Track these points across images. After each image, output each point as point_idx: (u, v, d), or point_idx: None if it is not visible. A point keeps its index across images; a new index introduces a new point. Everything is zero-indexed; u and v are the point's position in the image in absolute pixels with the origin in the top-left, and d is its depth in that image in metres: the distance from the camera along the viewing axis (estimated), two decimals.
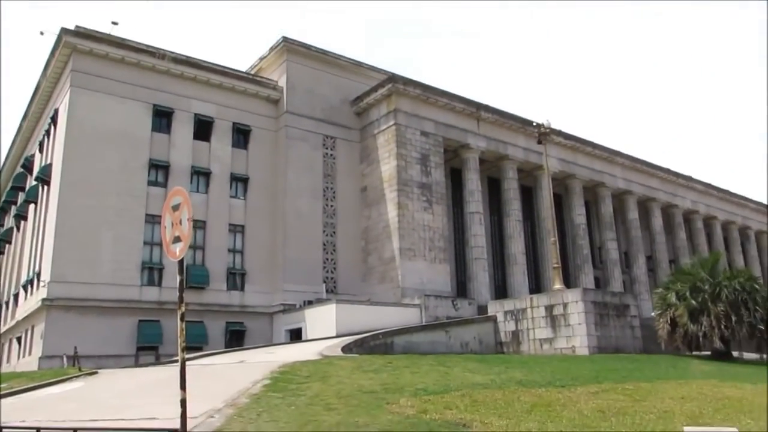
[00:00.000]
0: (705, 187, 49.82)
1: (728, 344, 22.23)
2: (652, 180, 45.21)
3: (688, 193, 48.31)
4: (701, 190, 49.45)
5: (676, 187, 47.28)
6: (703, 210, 49.35)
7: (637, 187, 43.76)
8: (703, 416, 9.60)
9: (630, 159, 43.44)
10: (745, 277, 22.95)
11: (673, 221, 46.93)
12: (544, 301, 24.58)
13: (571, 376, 13.48)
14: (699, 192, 49.29)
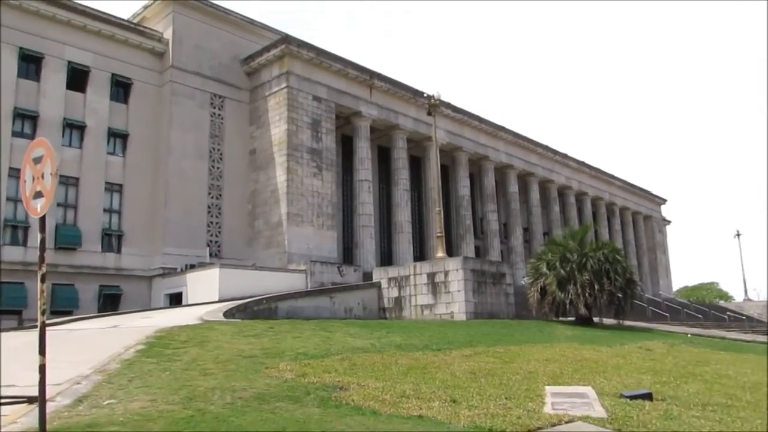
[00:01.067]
0: (578, 164, 53.18)
1: (591, 311, 24.08)
2: (531, 156, 47.62)
3: (563, 170, 51.38)
4: (575, 167, 52.76)
5: (553, 163, 50.13)
6: (576, 186, 52.75)
7: (518, 162, 45.93)
8: (564, 376, 10.40)
9: (513, 135, 45.42)
10: (608, 249, 24.84)
11: (549, 195, 49.83)
12: (426, 268, 25.38)
13: (447, 340, 14.10)
14: (573, 169, 52.57)
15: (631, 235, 60.25)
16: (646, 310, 36.72)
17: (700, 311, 45.03)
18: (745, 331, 32.53)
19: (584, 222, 49.40)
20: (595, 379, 10.25)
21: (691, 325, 32.20)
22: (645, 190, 64.31)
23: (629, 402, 8.21)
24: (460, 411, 6.94)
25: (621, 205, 59.41)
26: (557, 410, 7.38)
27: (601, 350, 14.39)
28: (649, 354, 14.85)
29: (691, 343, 19.32)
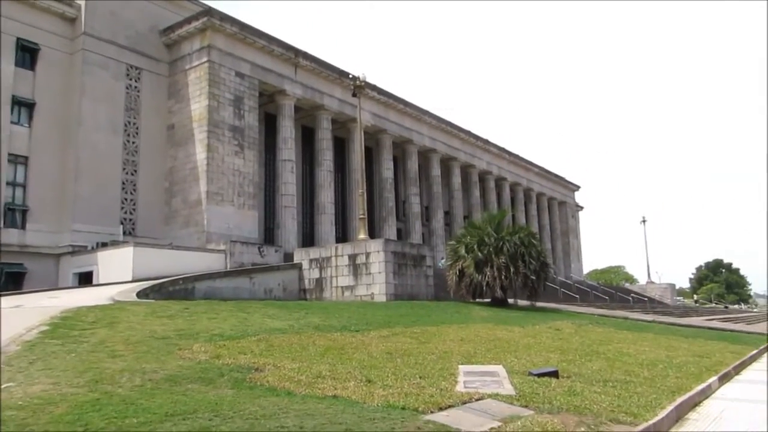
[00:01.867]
0: (499, 150, 54.63)
1: (506, 292, 24.96)
2: (454, 140, 48.47)
3: (485, 155, 52.65)
4: (495, 153, 54.17)
5: (475, 148, 51.26)
6: (496, 171, 54.21)
7: (441, 146, 46.64)
8: (477, 356, 10.72)
9: (436, 119, 46.02)
10: (524, 233, 25.77)
11: (470, 180, 50.97)
12: (348, 250, 25.44)
13: (366, 321, 14.23)
14: (493, 155, 53.96)
15: (546, 220, 62.65)
16: (558, 292, 38.37)
17: (607, 293, 47.49)
18: (647, 311, 34.66)
19: (503, 206, 50.95)
20: (506, 358, 10.64)
21: (598, 306, 33.93)
22: (560, 177, 66.93)
23: (537, 379, 8.58)
24: (375, 390, 7.03)
25: (538, 191, 61.58)
26: (469, 388, 7.61)
27: (513, 330, 14.93)
28: (558, 334, 15.56)
29: (597, 323, 20.37)
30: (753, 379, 12.33)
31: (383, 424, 5.37)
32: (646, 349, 14.11)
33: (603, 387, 8.54)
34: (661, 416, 7.13)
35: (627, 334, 17.49)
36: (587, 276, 77.23)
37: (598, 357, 11.89)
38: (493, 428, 5.76)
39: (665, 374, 10.40)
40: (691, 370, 11.34)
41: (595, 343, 14.33)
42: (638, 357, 12.44)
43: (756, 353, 16.85)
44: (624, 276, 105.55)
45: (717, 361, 13.30)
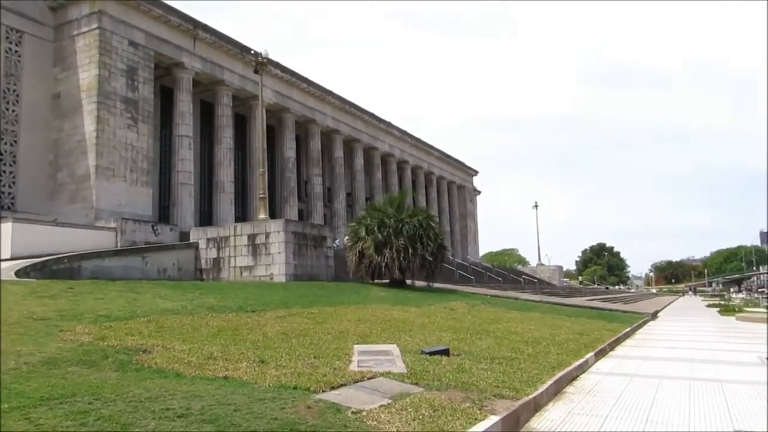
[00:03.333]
0: (401, 133, 55.35)
1: (405, 274, 25.47)
2: (357, 122, 48.57)
3: (387, 138, 53.18)
4: (398, 136, 54.85)
5: (378, 131, 51.64)
6: (398, 154, 54.94)
7: (344, 128, 46.60)
8: (373, 335, 10.89)
9: (340, 100, 45.87)
10: (423, 215, 26.34)
11: (373, 162, 51.36)
12: (247, 229, 24.97)
13: (263, 301, 14.06)
14: (396, 137, 54.61)
15: (445, 204, 64.38)
16: (455, 274, 39.64)
17: (500, 275, 49.61)
18: (536, 292, 36.54)
19: (404, 189, 51.73)
20: (401, 337, 10.88)
21: (492, 287, 35.38)
22: (460, 162, 68.88)
23: (428, 358, 8.84)
24: (268, 371, 6.98)
25: (438, 175, 63.07)
26: (362, 367, 7.73)
27: (410, 311, 15.28)
28: (452, 314, 16.10)
29: (489, 303, 21.25)
30: (625, 354, 13.35)
31: (273, 404, 5.35)
32: (532, 327, 14.89)
33: (490, 364, 8.93)
34: (541, 390, 7.58)
35: (516, 314, 18.38)
36: (483, 258, 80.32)
37: (487, 335, 12.42)
38: (382, 405, 5.89)
39: (548, 351, 11.02)
40: (571, 347, 12.09)
41: (486, 322, 14.95)
42: (524, 335, 13.11)
43: (629, 330, 18.25)
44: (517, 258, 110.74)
45: (595, 338, 14.27)
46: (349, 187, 48.05)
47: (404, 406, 5.85)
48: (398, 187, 53.21)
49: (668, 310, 39.73)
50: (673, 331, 20.81)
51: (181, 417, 4.74)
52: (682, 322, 26.45)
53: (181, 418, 4.71)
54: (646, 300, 55.87)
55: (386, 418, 5.37)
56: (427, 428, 5.17)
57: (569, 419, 6.78)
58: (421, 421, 5.37)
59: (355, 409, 5.59)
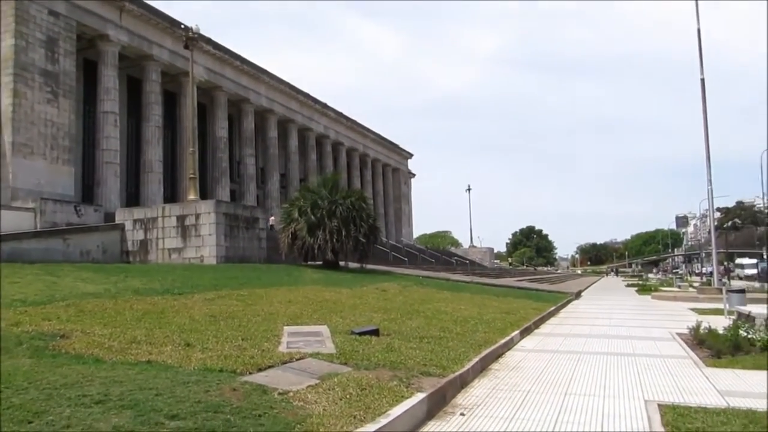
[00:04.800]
0: (337, 115, 54.99)
1: (338, 255, 25.49)
2: (292, 102, 47.88)
3: (322, 119, 52.72)
4: (333, 117, 54.47)
5: (313, 111, 51.10)
6: (333, 136, 54.60)
7: (278, 108, 45.83)
8: (303, 317, 10.86)
9: (275, 79, 45.05)
10: (356, 197, 26.35)
11: (307, 143, 50.85)
12: (177, 210, 24.31)
13: (191, 284, 13.76)
14: (331, 119, 54.22)
15: (380, 186, 64.61)
16: (389, 255, 39.96)
17: (433, 256, 50.38)
18: (467, 273, 37.32)
19: (339, 171, 51.54)
20: (332, 318, 10.90)
21: (424, 268, 35.88)
22: (395, 144, 69.17)
23: (358, 338, 8.91)
24: (193, 354, 6.85)
25: (373, 157, 63.14)
26: (291, 349, 7.71)
27: (341, 292, 15.31)
28: (384, 294, 16.25)
29: (421, 284, 21.57)
30: (549, 332, 13.89)
31: (197, 388, 5.26)
32: (461, 307, 15.23)
33: (419, 343, 9.09)
34: (467, 367, 7.79)
35: (446, 294, 18.74)
36: (417, 240, 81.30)
37: (418, 315, 12.62)
38: (310, 386, 5.90)
39: (475, 330, 11.31)
40: (498, 325, 12.46)
41: (417, 302, 15.18)
42: (454, 315, 13.40)
43: (554, 309, 18.97)
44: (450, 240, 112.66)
45: (521, 317, 14.75)
46: (283, 168, 47.43)
47: (332, 386, 5.89)
48: (333, 169, 52.88)
49: (591, 290, 41.50)
50: (594, 310, 21.77)
51: (99, 403, 4.59)
52: (602, 301, 27.70)
53: (98, 405, 4.56)
54: (571, 280, 58.11)
55: (313, 398, 5.39)
56: (354, 407, 5.22)
57: (493, 394, 7.00)
58: (348, 401, 5.42)
59: (281, 390, 5.58)
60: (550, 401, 6.67)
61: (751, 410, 6.05)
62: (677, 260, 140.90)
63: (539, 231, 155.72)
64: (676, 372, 8.44)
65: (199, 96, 36.54)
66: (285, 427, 4.47)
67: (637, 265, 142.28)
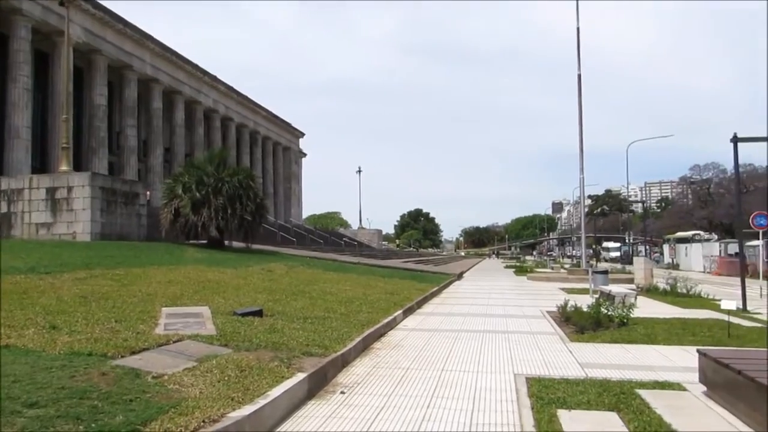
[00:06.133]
0: (227, 89, 53.15)
1: (223, 234, 24.80)
2: (179, 72, 45.66)
3: (211, 92, 50.77)
4: (223, 91, 52.60)
5: (201, 84, 49.06)
6: (223, 110, 52.77)
7: (164, 77, 43.56)
8: (183, 298, 10.50)
9: (161, 46, 42.72)
10: (244, 175, 25.66)
11: (195, 117, 48.79)
12: (46, 182, 22.53)
13: (60, 262, 12.85)
14: (221, 93, 52.33)
15: (270, 164, 63.45)
16: (277, 235, 39.46)
17: (322, 237, 50.35)
18: (355, 254, 37.74)
19: (228, 147, 50.07)
20: (214, 299, 10.63)
21: (313, 249, 35.83)
22: (287, 123, 68.11)
23: (241, 319, 8.76)
24: (59, 337, 6.42)
25: (264, 135, 61.81)
26: (168, 331, 7.45)
27: (226, 272, 14.96)
28: (270, 275, 16.05)
29: (308, 265, 21.51)
30: (431, 311, 14.39)
31: (61, 373, 4.96)
32: (347, 288, 15.39)
33: (302, 324, 9.09)
34: (349, 347, 7.91)
35: (333, 275, 18.84)
36: (306, 221, 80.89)
37: (303, 296, 12.60)
38: (186, 368, 5.74)
39: (360, 310, 11.48)
40: (382, 305, 12.72)
41: (303, 283, 15.15)
42: (339, 295, 13.51)
43: (436, 290, 19.65)
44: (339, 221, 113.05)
45: (405, 297, 15.16)
46: (168, 141, 45.24)
47: (210, 368, 5.77)
48: (221, 145, 51.11)
49: (473, 271, 43.37)
50: (474, 290, 22.78)
51: None
52: (482, 282, 29.04)
53: None
54: (455, 262, 60.37)
55: (190, 381, 5.26)
56: (233, 389, 5.15)
57: (374, 372, 7.18)
58: (226, 383, 5.33)
59: (156, 374, 5.39)
60: (427, 377, 6.93)
61: (605, 379, 6.64)
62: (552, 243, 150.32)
63: (426, 214, 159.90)
64: (544, 347, 9.05)
65: (77, 59, 33.94)
66: (157, 412, 4.32)
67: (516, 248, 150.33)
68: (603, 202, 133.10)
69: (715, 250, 45.53)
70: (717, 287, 23.29)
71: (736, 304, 11.18)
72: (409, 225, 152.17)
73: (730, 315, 10.36)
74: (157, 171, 42.32)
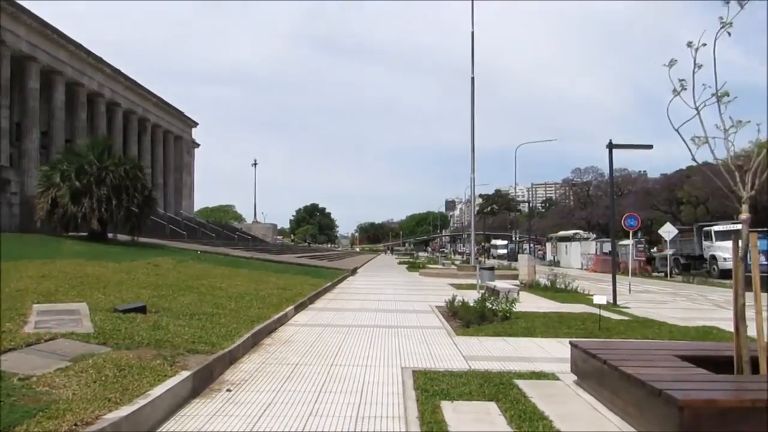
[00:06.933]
0: (114, 72, 50.17)
1: (106, 226, 23.49)
2: (60, 51, 42.53)
3: (97, 75, 47.73)
4: (110, 74, 49.61)
5: (85, 65, 45.99)
6: (109, 95, 49.78)
7: (42, 56, 40.39)
8: (59, 293, 9.86)
9: (39, 22, 39.54)
10: (131, 165, 24.48)
11: (77, 100, 45.64)
12: None
13: None
14: (107, 76, 49.32)
15: (160, 154, 60.68)
16: (166, 228, 37.94)
17: (214, 231, 49.01)
18: (248, 249, 37.04)
19: (114, 134, 47.42)
20: (93, 295, 10.07)
21: (204, 243, 34.79)
22: (179, 111, 65.41)
23: (122, 316, 8.36)
24: None
25: (154, 122, 58.99)
26: (40, 329, 6.97)
27: (107, 266, 14.20)
28: (156, 270, 15.41)
29: (198, 259, 20.86)
30: (323, 306, 14.40)
31: None
32: (238, 283, 15.08)
33: (189, 320, 8.81)
34: (238, 343, 7.76)
35: (224, 270, 18.39)
36: (198, 213, 78.28)
37: (191, 292, 12.20)
38: (59, 369, 5.40)
39: (250, 306, 11.30)
40: (274, 301, 12.58)
41: (191, 278, 14.67)
42: (229, 291, 13.21)
43: (330, 285, 19.70)
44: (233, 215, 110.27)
45: (297, 292, 15.07)
46: (46, 125, 41.99)
47: (85, 368, 5.46)
48: (107, 132, 48.28)
49: (367, 267, 43.83)
50: (367, 285, 23.06)
51: None
52: (376, 277, 29.45)
53: None
54: (349, 257, 60.77)
55: (62, 383, 4.96)
56: (110, 389, 4.91)
57: (263, 369, 7.09)
58: (103, 383, 5.08)
59: (23, 375, 5.03)
60: (317, 372, 6.95)
61: (487, 371, 6.95)
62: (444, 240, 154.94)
63: (323, 209, 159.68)
64: (431, 341, 9.33)
65: None
66: (23, 416, 4.04)
67: (410, 244, 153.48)
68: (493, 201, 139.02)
69: (591, 249, 48.81)
70: (592, 283, 24.99)
71: (606, 299, 12.09)
72: (305, 220, 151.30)
73: (602, 309, 11.18)
74: (32, 156, 39.21)
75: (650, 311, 14.31)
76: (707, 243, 35.70)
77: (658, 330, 10.55)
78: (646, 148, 18.12)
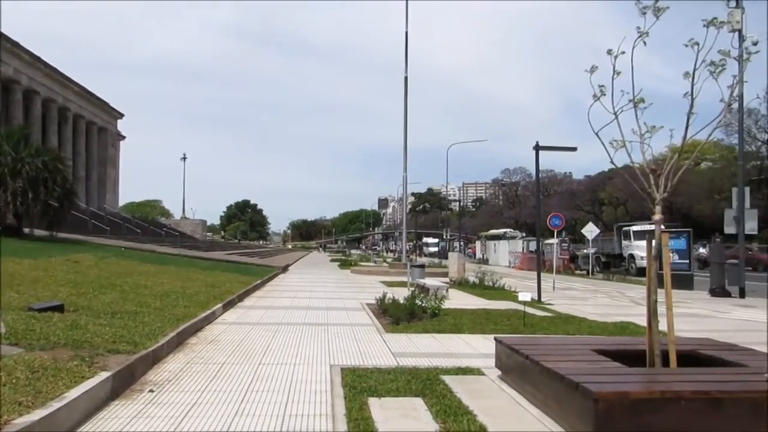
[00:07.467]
0: (33, 58, 47.58)
1: (22, 221, 22.31)
2: None
3: (13, 61, 45.13)
4: (28, 60, 47.02)
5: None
6: (26, 82, 47.19)
7: None
8: None
9: None
10: (49, 156, 23.33)
11: None
12: None
13: None
14: (25, 62, 46.73)
15: (83, 146, 58.06)
16: (88, 223, 36.34)
17: (140, 226, 47.37)
18: (176, 245, 36.05)
19: (31, 124, 45.03)
20: (5, 293, 9.53)
21: (129, 239, 33.57)
22: (103, 101, 62.75)
23: (37, 315, 7.98)
24: None
25: (76, 112, 56.38)
26: None
27: (22, 263, 13.50)
28: (76, 266, 14.77)
29: (122, 255, 20.13)
30: (252, 304, 14.19)
31: None
32: (164, 281, 14.64)
33: (110, 319, 8.50)
34: (162, 342, 7.54)
35: (150, 267, 17.82)
36: (123, 208, 75.43)
37: (113, 289, 11.77)
38: None
39: (176, 304, 10.99)
40: (201, 299, 12.30)
41: (114, 275, 14.14)
42: (154, 289, 12.82)
43: (260, 283, 19.43)
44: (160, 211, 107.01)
45: (226, 290, 14.78)
46: None
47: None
48: (24, 122, 45.80)
49: (299, 264, 43.49)
50: (298, 283, 22.88)
51: None
52: (307, 275, 29.26)
53: None
54: (281, 254, 60.08)
55: None
56: (21, 393, 4.66)
57: (188, 368, 6.92)
58: (13, 386, 4.82)
59: None
60: (244, 371, 6.85)
61: (414, 368, 7.04)
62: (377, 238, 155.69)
63: (254, 205, 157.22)
64: (360, 338, 9.36)
65: None
66: None
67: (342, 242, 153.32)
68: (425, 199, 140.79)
69: (519, 247, 50.26)
70: (518, 280, 25.72)
71: (531, 296, 12.48)
72: (236, 216, 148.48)
73: (527, 306, 11.54)
74: None
75: (572, 308, 14.88)
76: (626, 242, 37.48)
77: (579, 326, 10.99)
78: (571, 150, 18.76)
